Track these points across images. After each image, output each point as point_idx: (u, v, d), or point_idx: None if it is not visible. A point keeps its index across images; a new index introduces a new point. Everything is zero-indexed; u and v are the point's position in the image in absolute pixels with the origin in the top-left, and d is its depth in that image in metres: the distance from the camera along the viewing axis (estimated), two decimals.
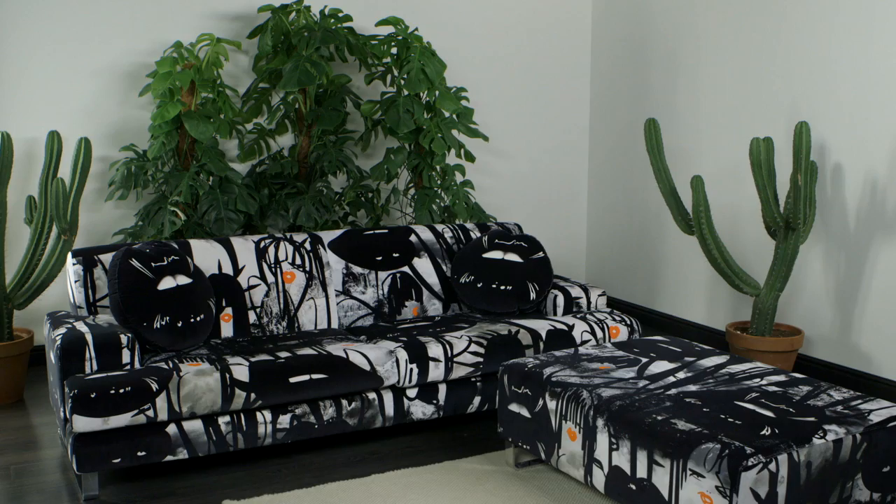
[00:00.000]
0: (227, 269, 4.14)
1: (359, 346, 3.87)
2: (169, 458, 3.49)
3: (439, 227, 4.75)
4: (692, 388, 3.23)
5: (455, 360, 3.92)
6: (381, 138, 5.53)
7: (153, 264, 3.78)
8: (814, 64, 4.71)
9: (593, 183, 6.42)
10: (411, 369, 3.83)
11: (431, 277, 4.58)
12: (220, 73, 4.96)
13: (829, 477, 2.77)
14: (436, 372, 3.90)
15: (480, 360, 3.98)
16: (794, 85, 4.82)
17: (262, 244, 4.25)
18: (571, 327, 4.24)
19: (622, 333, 4.35)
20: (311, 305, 4.26)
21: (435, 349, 3.90)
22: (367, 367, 3.76)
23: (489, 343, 4.01)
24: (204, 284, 3.94)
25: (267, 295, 4.18)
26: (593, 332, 4.27)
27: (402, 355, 3.85)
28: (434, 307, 4.58)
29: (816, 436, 2.78)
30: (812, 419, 2.91)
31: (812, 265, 4.80)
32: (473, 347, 3.97)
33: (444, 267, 4.63)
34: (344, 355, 3.76)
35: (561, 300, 4.53)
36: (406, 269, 4.54)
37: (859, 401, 3.10)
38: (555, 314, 4.54)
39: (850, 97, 4.54)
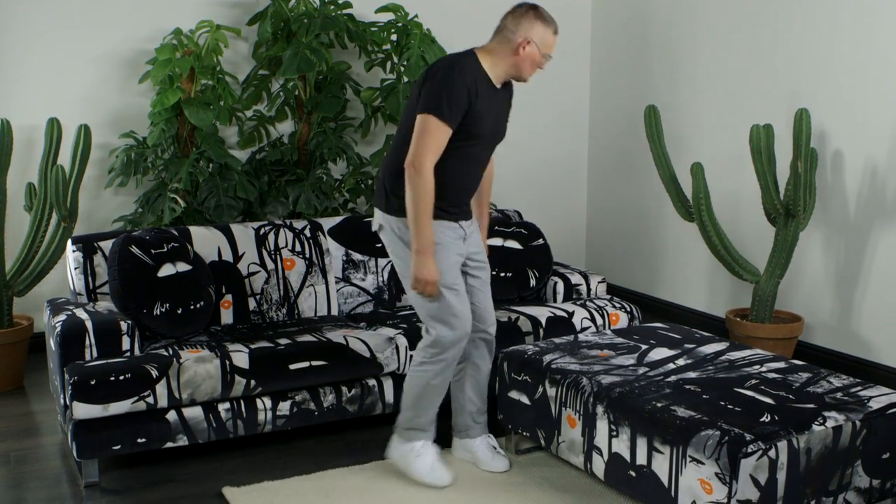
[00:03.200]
0: (227, 255, 4.14)
1: (359, 333, 3.87)
2: (169, 444, 3.49)
3: None
4: (692, 374, 3.23)
5: None
6: (381, 125, 5.52)
7: (153, 251, 3.78)
8: (814, 51, 4.70)
9: (593, 170, 6.41)
10: (411, 356, 3.83)
11: None
12: (219, 60, 4.95)
13: (829, 464, 2.78)
14: None
15: None
16: (795, 72, 4.81)
17: (262, 231, 4.25)
18: (571, 314, 4.24)
19: (622, 320, 4.35)
20: (311, 292, 4.26)
21: None
22: (367, 354, 3.76)
23: None
24: (204, 271, 3.94)
25: (267, 282, 4.18)
26: (593, 319, 4.27)
27: (402, 342, 3.86)
28: None
29: (816, 422, 2.78)
30: (812, 406, 2.91)
31: (812, 252, 4.80)
32: None
33: None
34: (344, 342, 3.77)
35: (561, 287, 4.53)
36: None
37: (859, 387, 3.10)
38: (555, 301, 4.54)
39: (850, 84, 4.53)
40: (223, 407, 3.57)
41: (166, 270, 3.77)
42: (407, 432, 3.42)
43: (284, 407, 3.67)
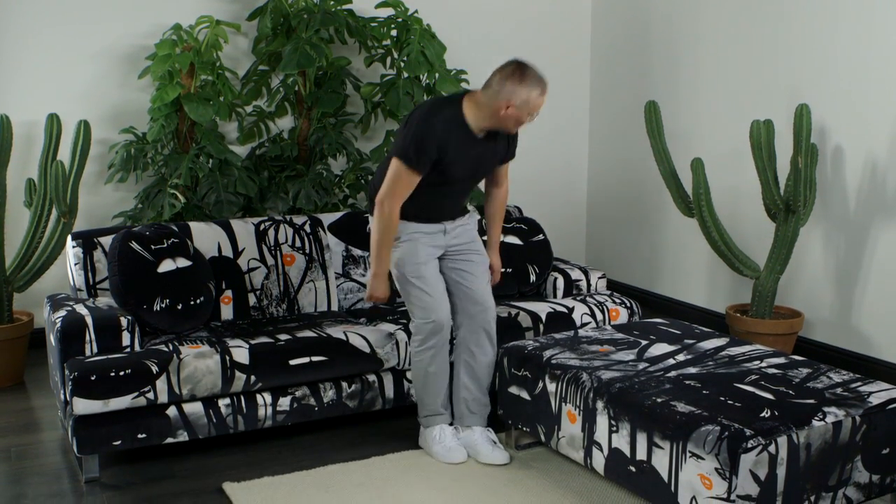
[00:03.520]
0: (227, 251, 4.14)
1: (359, 329, 3.87)
2: (169, 440, 3.50)
3: None
4: (692, 370, 3.23)
5: (454, 342, 3.92)
6: (381, 121, 5.51)
7: (153, 247, 3.78)
8: (814, 46, 4.69)
9: (593, 165, 6.41)
10: (411, 351, 3.83)
11: None
12: (219, 56, 4.94)
13: (829, 459, 2.78)
14: None
15: None
16: (795, 67, 4.81)
17: (262, 227, 4.25)
18: (571, 310, 4.24)
19: (622, 316, 4.35)
20: (311, 288, 4.26)
21: None
22: (367, 350, 3.76)
23: None
24: (204, 267, 3.93)
25: (267, 277, 4.18)
26: (593, 315, 4.27)
27: (402, 337, 3.86)
28: None
29: (816, 418, 2.78)
30: (812, 401, 2.91)
31: (812, 248, 4.80)
32: None
33: None
34: (344, 338, 3.77)
35: (561, 282, 4.53)
36: None
37: (859, 383, 3.10)
38: (555, 296, 4.54)
39: (850, 79, 4.53)
40: (223, 402, 3.57)
41: (166, 266, 3.77)
42: (426, 419, 3.66)
43: (284, 402, 3.67)
